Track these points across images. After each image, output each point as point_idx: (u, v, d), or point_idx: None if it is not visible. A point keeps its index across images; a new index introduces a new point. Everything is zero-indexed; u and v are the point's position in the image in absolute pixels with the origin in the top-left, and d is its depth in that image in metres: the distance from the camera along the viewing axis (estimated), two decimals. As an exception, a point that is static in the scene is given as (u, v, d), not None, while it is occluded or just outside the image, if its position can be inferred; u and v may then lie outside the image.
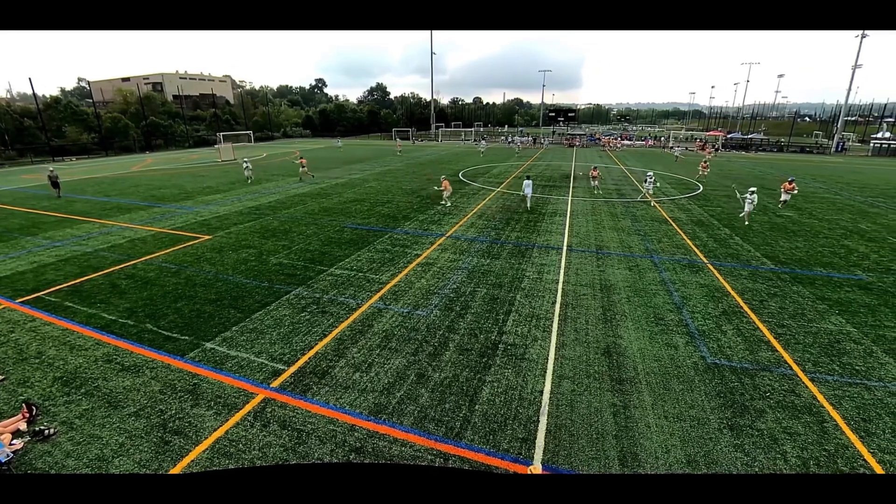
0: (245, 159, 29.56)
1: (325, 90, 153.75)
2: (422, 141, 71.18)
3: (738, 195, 18.76)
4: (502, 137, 75.19)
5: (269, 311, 9.29)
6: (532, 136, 72.56)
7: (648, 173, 22.13)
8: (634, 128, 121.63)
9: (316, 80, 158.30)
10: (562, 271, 11.71)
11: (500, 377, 7.09)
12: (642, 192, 22.14)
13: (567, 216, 17.94)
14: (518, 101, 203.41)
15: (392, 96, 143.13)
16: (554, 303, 9.81)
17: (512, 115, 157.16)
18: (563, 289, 10.57)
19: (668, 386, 6.91)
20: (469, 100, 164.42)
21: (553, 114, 78.10)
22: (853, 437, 5.88)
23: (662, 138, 69.24)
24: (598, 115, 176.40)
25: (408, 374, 7.15)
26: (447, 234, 14.98)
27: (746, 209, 17.07)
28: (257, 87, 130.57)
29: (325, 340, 8.15)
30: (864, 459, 5.51)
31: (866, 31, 54.56)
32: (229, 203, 20.29)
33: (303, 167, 28.38)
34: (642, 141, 67.73)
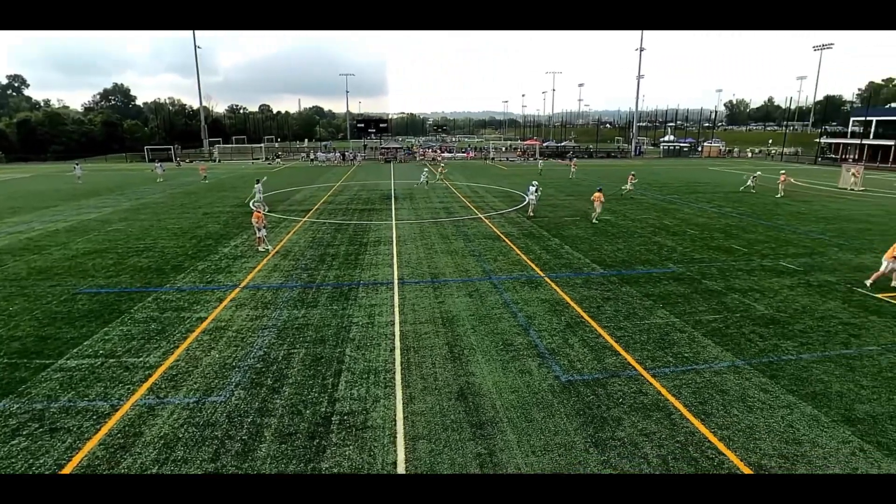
0: None
1: (27, 92, 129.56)
2: (191, 162, 65.60)
3: None
4: (302, 154, 74.69)
5: (-58, 449, 7.01)
6: (341, 150, 73.97)
7: (532, 184, 25.10)
8: (453, 139, 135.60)
9: (10, 77, 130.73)
10: (397, 310, 12.03)
11: (339, 459, 6.79)
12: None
13: (393, 244, 18.66)
14: (319, 110, 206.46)
15: (140, 102, 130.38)
16: (393, 350, 9.97)
17: (312, 126, 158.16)
18: (400, 331, 10.84)
19: (529, 417, 7.65)
20: (254, 108, 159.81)
21: (362, 124, 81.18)
22: (697, 423, 7.48)
23: (484, 149, 78.78)
24: (413, 125, 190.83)
25: (206, 487, 6.23)
26: (242, 285, 13.91)
27: None
28: None
29: (64, 472, 6.54)
30: (710, 441, 7.04)
31: (644, 46, 73.37)
32: None
33: None
34: (464, 153, 75.86)
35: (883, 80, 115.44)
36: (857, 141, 65.37)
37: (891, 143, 61.59)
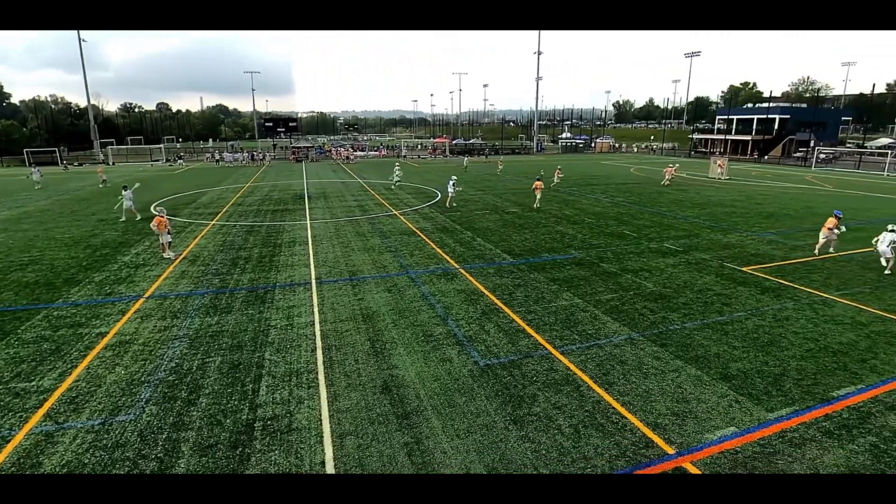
0: None
1: None
2: (80, 165, 59.42)
3: None
4: (207, 155, 70.26)
5: None
6: (249, 150, 70.35)
7: (450, 179, 27.62)
8: (365, 137, 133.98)
9: None
10: (316, 310, 11.76)
11: (265, 466, 6.55)
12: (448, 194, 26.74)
13: (309, 243, 18.14)
14: (223, 109, 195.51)
15: (16, 100, 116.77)
16: (314, 350, 9.74)
17: (217, 125, 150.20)
18: (321, 330, 10.62)
19: (452, 402, 7.84)
20: (151, 106, 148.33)
21: (271, 123, 77.57)
22: (601, 392, 8.07)
23: (396, 147, 78.55)
24: (323, 124, 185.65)
25: (119, 509, 5.76)
26: (147, 295, 12.88)
27: None
28: None
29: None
30: (614, 408, 7.62)
31: (542, 50, 76.68)
32: None
33: None
34: (376, 151, 75.15)
35: (741, 84, 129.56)
36: (723, 136, 73.06)
37: (748, 138, 69.59)
